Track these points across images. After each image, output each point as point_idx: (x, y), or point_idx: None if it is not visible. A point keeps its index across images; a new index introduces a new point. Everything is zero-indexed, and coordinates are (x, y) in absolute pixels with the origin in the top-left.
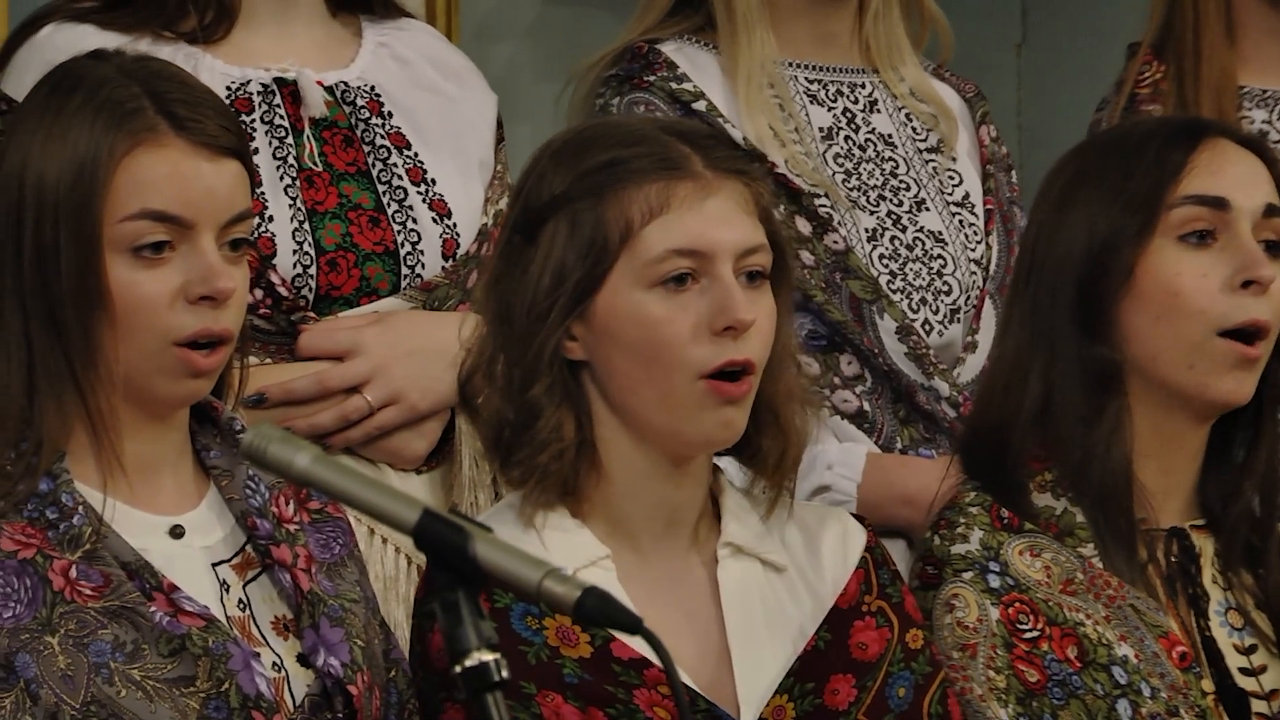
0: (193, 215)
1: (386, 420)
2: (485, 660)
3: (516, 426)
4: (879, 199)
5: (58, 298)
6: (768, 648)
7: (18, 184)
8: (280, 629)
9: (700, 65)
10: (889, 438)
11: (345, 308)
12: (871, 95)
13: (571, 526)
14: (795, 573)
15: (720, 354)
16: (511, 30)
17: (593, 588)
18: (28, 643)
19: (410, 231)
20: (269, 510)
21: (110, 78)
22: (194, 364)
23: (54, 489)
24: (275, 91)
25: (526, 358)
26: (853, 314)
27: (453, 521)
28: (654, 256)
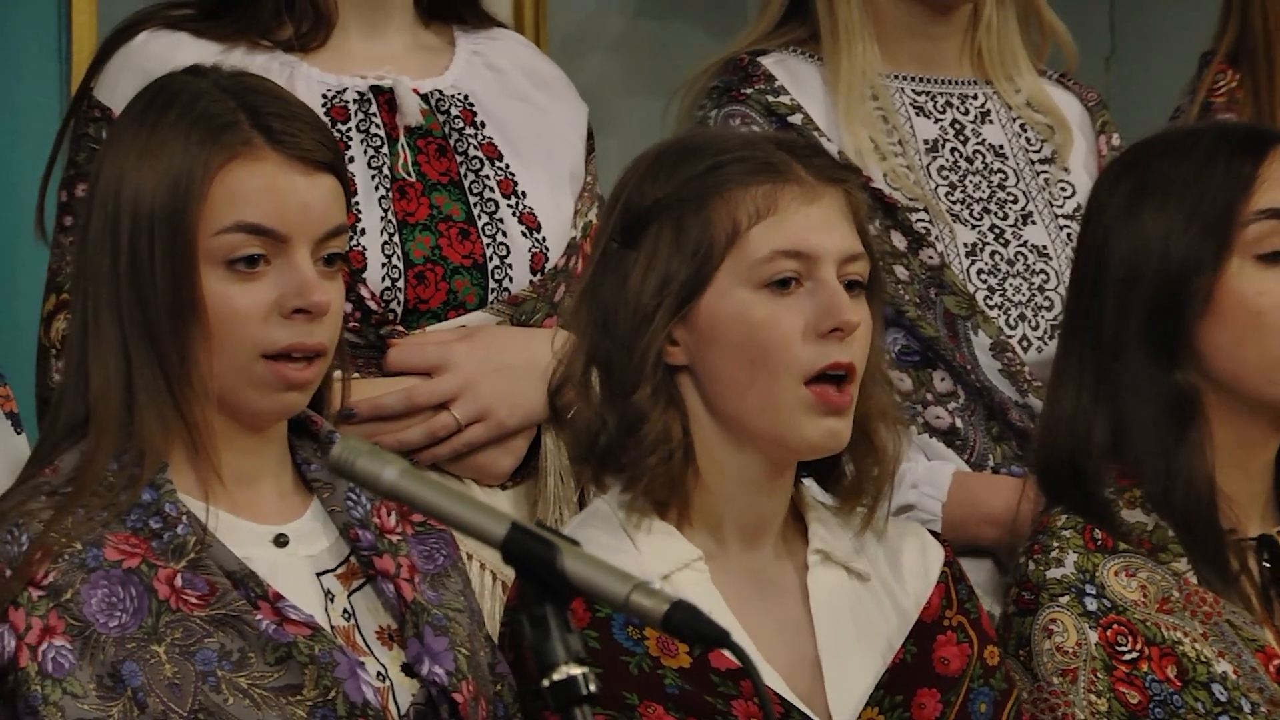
0: (287, 229)
1: (474, 437)
2: (573, 674)
3: (618, 432)
4: (983, 212)
5: (153, 311)
6: (857, 658)
7: (114, 198)
8: (385, 639)
9: (801, 77)
10: (981, 455)
11: (433, 321)
12: (984, 106)
13: (663, 529)
14: (879, 584)
15: (825, 356)
16: (599, 43)
17: (680, 601)
18: (134, 651)
19: (499, 244)
20: (371, 522)
21: (206, 92)
22: (286, 377)
23: (157, 499)
24: (371, 100)
25: (630, 363)
26: (946, 330)
27: (541, 535)
28: (761, 257)
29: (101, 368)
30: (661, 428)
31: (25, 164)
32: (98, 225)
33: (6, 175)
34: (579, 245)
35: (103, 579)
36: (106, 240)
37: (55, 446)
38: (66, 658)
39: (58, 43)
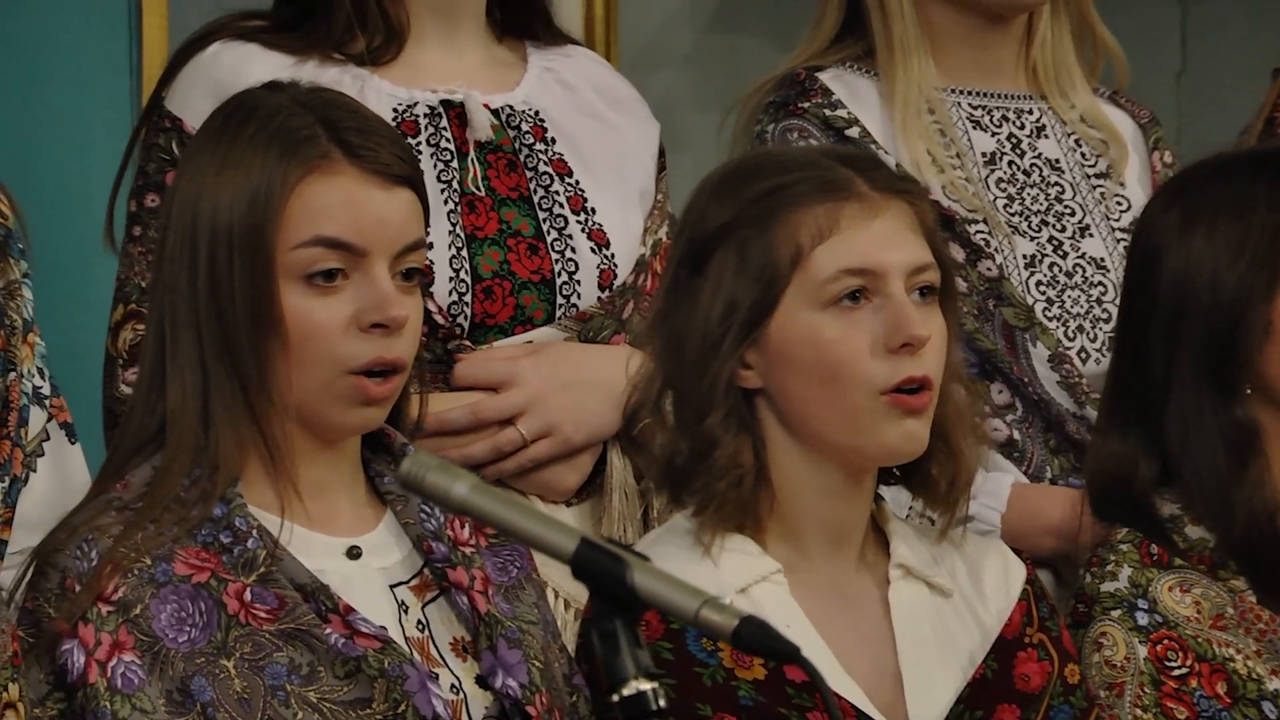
0: (365, 243)
1: (540, 453)
2: (643, 689)
3: (691, 457)
4: (1041, 224)
5: (232, 325)
6: (938, 672)
7: (192, 213)
8: (459, 650)
9: (858, 92)
10: (1039, 467)
11: (500, 336)
12: (1039, 121)
13: (741, 544)
14: (960, 599)
15: (898, 371)
16: (669, 59)
17: (750, 616)
18: (203, 666)
19: (568, 260)
20: (444, 534)
21: (284, 107)
22: (367, 391)
23: (228, 513)
24: (442, 114)
25: (700, 389)
26: (1005, 342)
27: (610, 550)
28: (826, 277)
29: (178, 383)
30: (732, 453)
31: (96, 176)
32: (175, 241)
33: (77, 187)
34: (648, 263)
35: (172, 594)
36: (184, 256)
37: (126, 461)
38: (136, 673)
39: (128, 56)
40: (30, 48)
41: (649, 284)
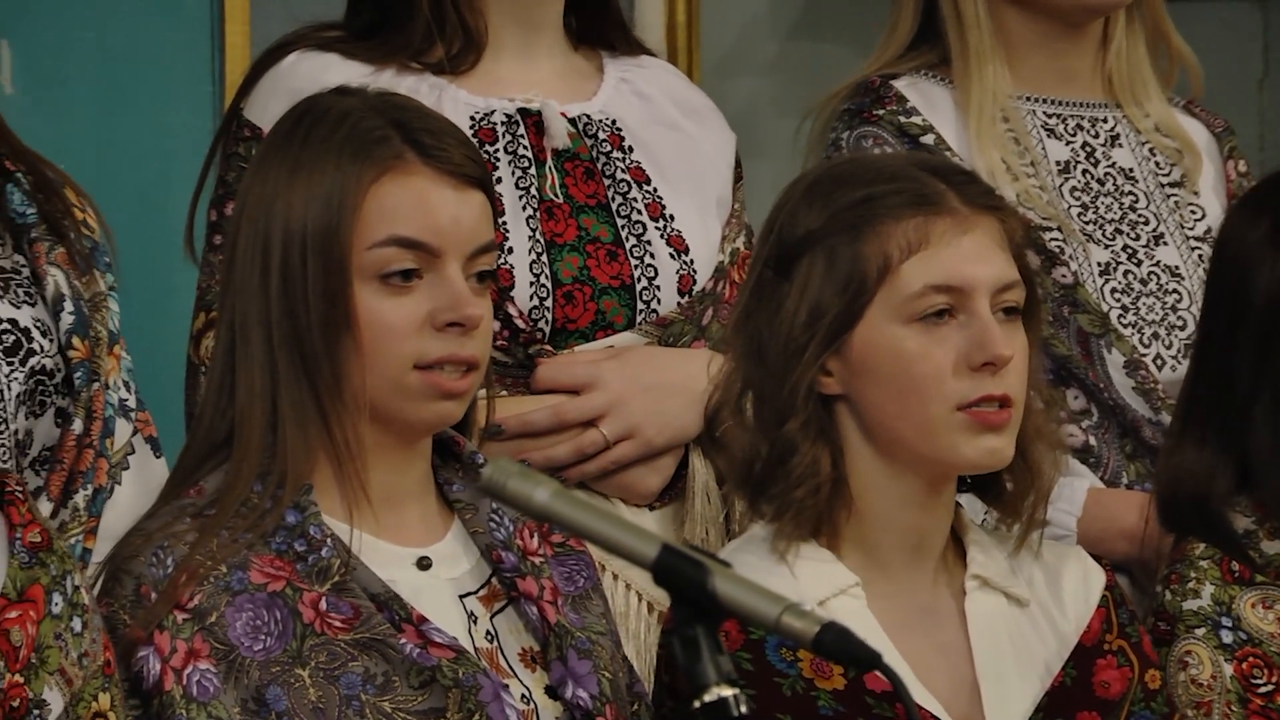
0: (440, 243)
1: (622, 455)
2: (724, 696)
3: (770, 462)
4: (1115, 233)
5: (304, 326)
6: (1015, 682)
7: (264, 217)
8: (528, 661)
9: (933, 99)
10: (1114, 473)
11: (581, 341)
12: (1114, 130)
13: (821, 557)
14: (1038, 608)
15: (978, 389)
16: (752, 66)
17: (831, 623)
18: (279, 675)
19: (647, 266)
20: (514, 543)
21: (355, 109)
22: (440, 385)
23: (302, 521)
24: (519, 122)
25: (781, 394)
26: (1080, 348)
27: (692, 557)
28: (913, 292)
29: (247, 386)
30: (810, 460)
31: (178, 184)
32: (246, 244)
33: (159, 195)
34: (726, 271)
35: (248, 602)
36: (256, 258)
37: (198, 466)
38: (211, 681)
39: (210, 64)
40: (113, 56)
41: (728, 292)
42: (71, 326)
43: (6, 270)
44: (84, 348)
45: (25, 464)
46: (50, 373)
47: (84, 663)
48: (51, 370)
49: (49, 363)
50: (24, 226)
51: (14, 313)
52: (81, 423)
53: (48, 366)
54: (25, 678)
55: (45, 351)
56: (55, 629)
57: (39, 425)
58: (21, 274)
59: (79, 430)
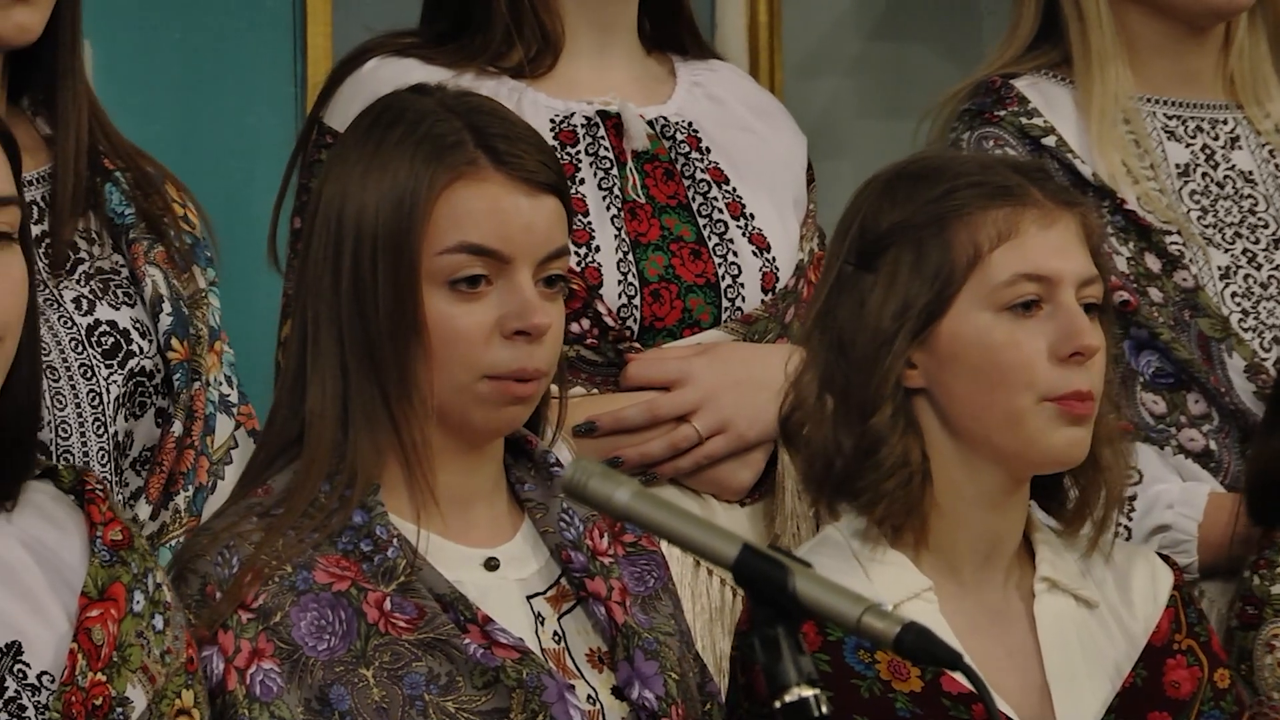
0: (510, 250)
1: (714, 449)
2: (805, 696)
3: (854, 456)
4: (1235, 236)
5: (374, 329)
6: (1086, 684)
7: (337, 216)
8: (595, 662)
9: (1054, 100)
10: (1234, 477)
11: (669, 339)
12: (1234, 131)
13: (895, 559)
14: (1107, 609)
15: (1066, 382)
16: (834, 66)
17: (912, 623)
18: (342, 675)
19: (730, 264)
20: (583, 543)
21: (431, 111)
22: (509, 391)
23: (368, 521)
24: (599, 124)
25: (869, 386)
26: (1201, 352)
27: (772, 557)
28: (1002, 281)
29: (319, 385)
30: (901, 451)
31: (261, 186)
32: (320, 242)
33: (243, 197)
34: (805, 269)
35: (312, 602)
36: (329, 258)
37: (268, 466)
38: (275, 681)
39: (293, 67)
40: (196, 57)
41: (806, 292)
42: (170, 328)
43: (106, 271)
44: (183, 349)
45: (125, 465)
46: (150, 374)
47: (166, 660)
48: (151, 371)
49: (148, 364)
50: (123, 227)
51: (113, 314)
52: (181, 424)
53: (147, 368)
54: (107, 676)
55: (144, 353)
56: (137, 627)
57: (139, 426)
58: (121, 274)
59: (179, 432)
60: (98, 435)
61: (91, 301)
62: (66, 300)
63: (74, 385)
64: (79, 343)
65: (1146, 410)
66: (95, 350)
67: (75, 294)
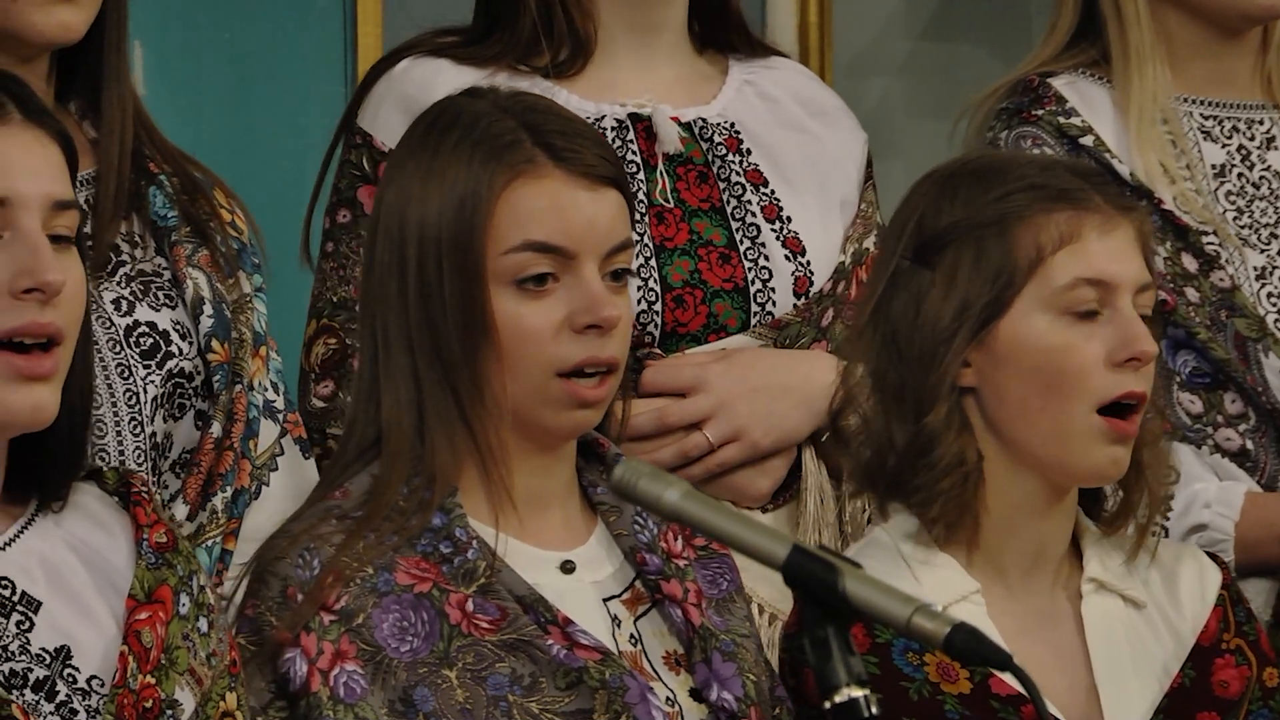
0: (574, 246)
1: (727, 458)
2: (855, 696)
3: (908, 454)
4: (1270, 237)
5: (443, 333)
6: (1134, 685)
7: (399, 222)
8: (672, 664)
9: (1092, 100)
10: (1271, 477)
11: (693, 344)
12: (1269, 132)
13: (943, 561)
14: (1154, 609)
15: (1120, 385)
16: (884, 67)
17: (962, 624)
18: (426, 676)
19: (761, 269)
20: (658, 546)
21: (486, 113)
22: (579, 394)
23: (448, 524)
24: (629, 127)
25: (924, 384)
26: (1237, 352)
27: (822, 557)
28: (1063, 284)
29: (392, 392)
30: (957, 450)
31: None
32: (384, 250)
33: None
34: (850, 271)
35: (394, 603)
36: (394, 265)
37: (345, 469)
38: (358, 683)
39: (342, 65)
40: (246, 57)
41: (851, 292)
42: (211, 329)
43: (147, 273)
44: (224, 351)
45: (164, 467)
46: (189, 375)
47: (212, 662)
48: (190, 373)
49: (188, 365)
50: (166, 229)
51: (153, 315)
52: (220, 425)
53: (186, 369)
54: (157, 678)
55: (184, 354)
56: (183, 629)
57: (179, 428)
58: (162, 277)
59: (217, 433)
60: (134, 435)
61: (131, 303)
62: (105, 301)
63: (110, 385)
64: (117, 343)
65: (1183, 410)
66: (133, 350)
67: (115, 295)
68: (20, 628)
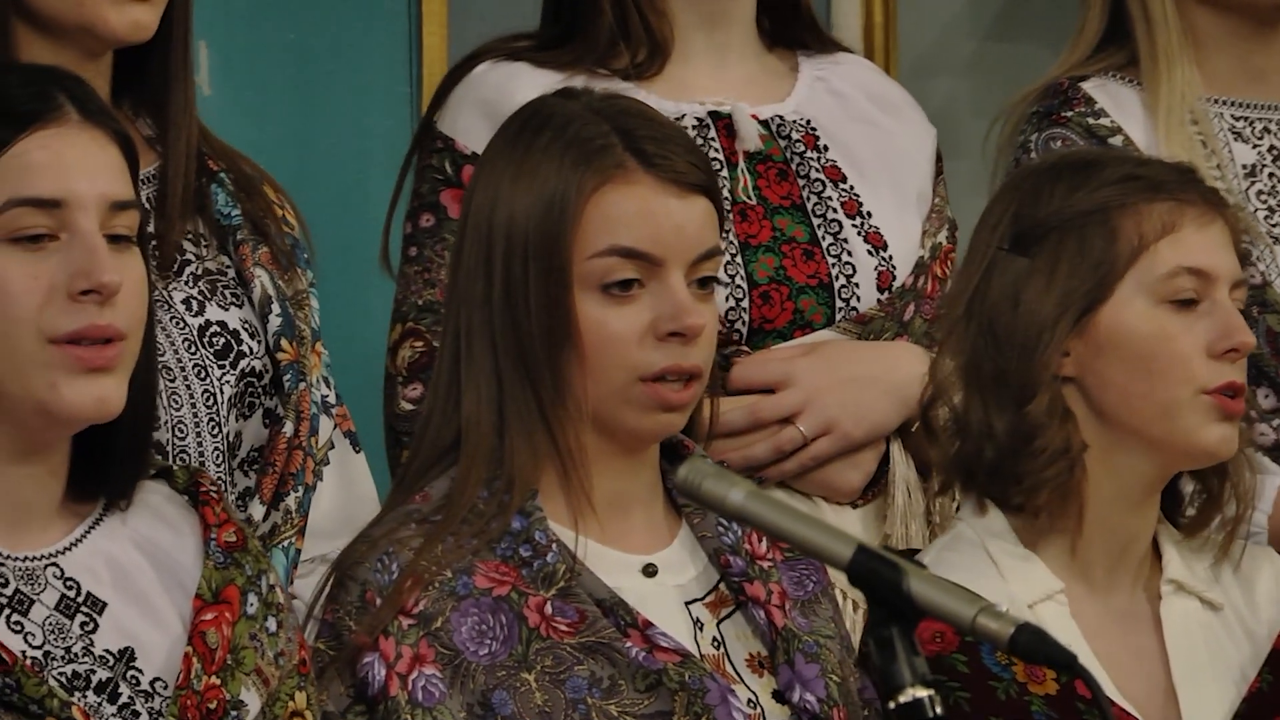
0: (661, 252)
1: (821, 451)
2: (919, 697)
3: (1009, 444)
4: None
5: (527, 335)
6: (1212, 688)
7: (487, 222)
8: (755, 666)
9: (1122, 101)
10: None
11: (779, 341)
12: None
13: (1029, 559)
14: (1231, 612)
15: (1220, 375)
16: (949, 66)
17: (1026, 624)
18: (504, 679)
19: (845, 264)
20: (742, 548)
21: (579, 115)
22: (663, 398)
23: (527, 527)
24: (710, 125)
25: (1026, 372)
26: (1269, 347)
27: (886, 557)
28: (1165, 272)
29: (474, 393)
30: (1062, 439)
31: (375, 185)
32: (471, 249)
33: (357, 196)
34: (928, 266)
35: (473, 607)
36: (480, 265)
37: (424, 472)
38: (437, 686)
39: (408, 66)
40: (311, 58)
41: (930, 287)
42: (279, 328)
43: (213, 272)
44: (292, 349)
45: (234, 465)
46: (259, 374)
47: (280, 661)
48: (260, 372)
49: (257, 364)
50: (229, 228)
51: (223, 315)
52: (293, 425)
53: (256, 368)
54: (222, 679)
55: (254, 353)
56: (250, 629)
57: (248, 427)
58: (228, 275)
59: (290, 433)
60: (212, 435)
61: (201, 302)
62: (176, 301)
63: (189, 385)
64: (192, 343)
65: None
66: (208, 350)
67: (185, 295)
68: (84, 629)
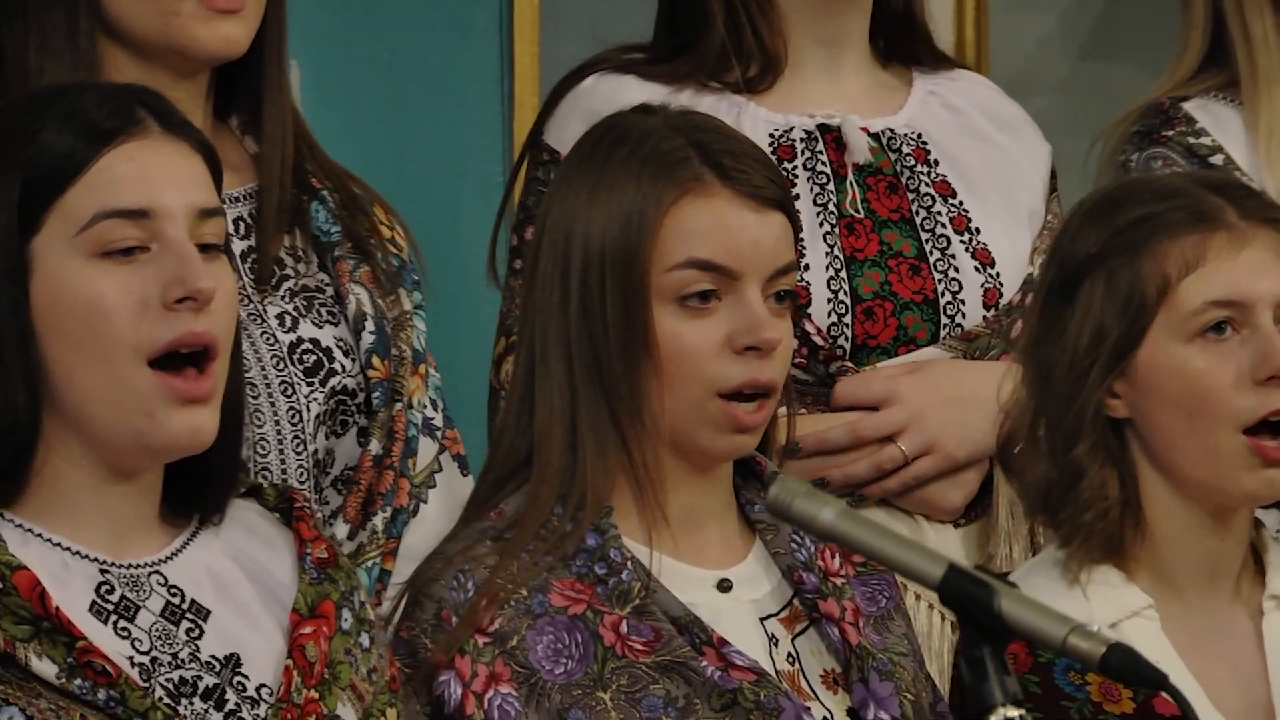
0: (739, 265)
1: (922, 470)
2: (1010, 717)
3: (1061, 486)
4: None
5: (604, 347)
6: None
7: (564, 235)
8: (829, 683)
9: (1222, 121)
10: None
11: (883, 357)
12: None
13: (1115, 580)
14: None
15: (1265, 404)
16: (1042, 85)
17: (1118, 643)
18: (580, 699)
19: (951, 280)
20: (815, 564)
21: (656, 129)
22: (738, 419)
23: (602, 544)
24: (818, 138)
25: (1069, 418)
26: None
27: (978, 577)
28: (1192, 309)
29: (547, 407)
30: (1099, 483)
31: (470, 204)
32: (547, 263)
33: (451, 215)
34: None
35: (548, 625)
36: (556, 278)
37: (498, 488)
38: (512, 705)
39: (500, 86)
40: (403, 77)
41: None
42: (372, 346)
43: (310, 289)
44: (383, 368)
45: (326, 483)
46: (352, 392)
47: (373, 678)
48: (354, 390)
49: (350, 382)
50: (328, 245)
51: (316, 332)
52: (379, 443)
53: (349, 386)
54: (320, 693)
55: (347, 371)
56: (345, 644)
57: (340, 445)
58: (325, 292)
59: (376, 451)
60: (296, 453)
61: (295, 319)
62: (270, 316)
63: (273, 402)
64: (280, 360)
65: None
66: (296, 368)
67: (279, 310)
68: (190, 635)
